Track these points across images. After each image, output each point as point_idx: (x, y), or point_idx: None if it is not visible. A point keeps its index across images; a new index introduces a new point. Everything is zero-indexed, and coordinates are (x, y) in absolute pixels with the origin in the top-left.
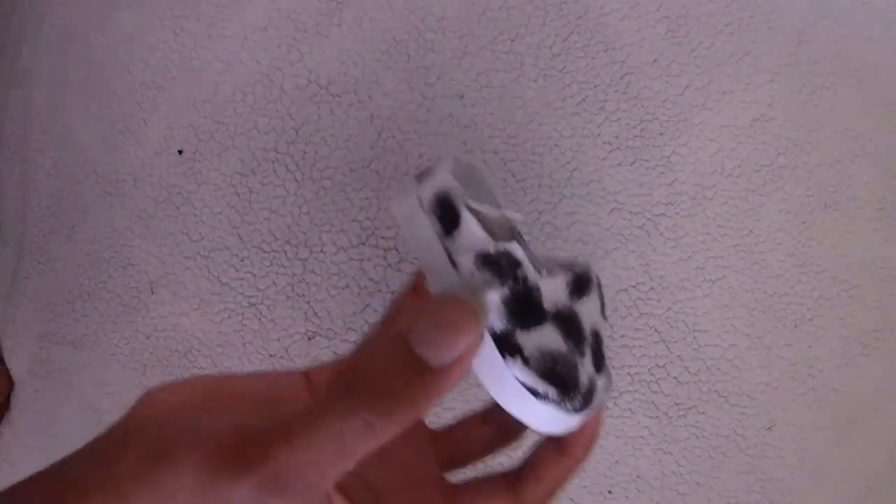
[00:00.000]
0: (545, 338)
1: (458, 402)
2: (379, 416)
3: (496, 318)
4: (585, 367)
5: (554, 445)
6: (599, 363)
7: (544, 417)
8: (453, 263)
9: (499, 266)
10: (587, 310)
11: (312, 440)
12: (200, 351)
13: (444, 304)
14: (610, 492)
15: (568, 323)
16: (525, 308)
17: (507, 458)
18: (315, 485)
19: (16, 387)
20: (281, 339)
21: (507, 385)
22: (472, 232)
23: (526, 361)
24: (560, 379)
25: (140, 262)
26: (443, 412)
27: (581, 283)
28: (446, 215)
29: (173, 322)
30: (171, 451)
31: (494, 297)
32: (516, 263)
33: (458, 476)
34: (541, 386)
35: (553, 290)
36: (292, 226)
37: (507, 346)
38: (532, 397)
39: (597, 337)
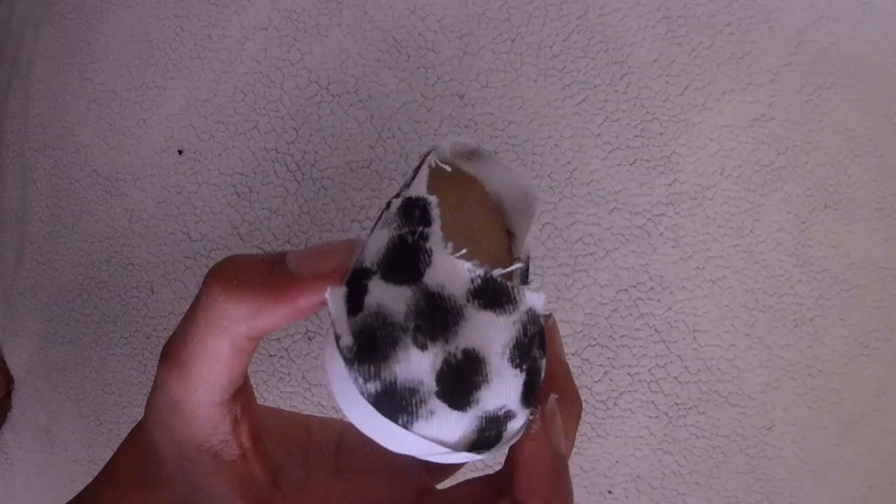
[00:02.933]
0: (395, 300)
1: None
2: (227, 291)
3: (371, 253)
4: (416, 359)
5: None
6: (460, 397)
7: (341, 384)
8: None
9: (410, 213)
10: (484, 327)
11: (186, 319)
12: None
13: (330, 241)
14: (610, 492)
15: (437, 310)
16: (400, 261)
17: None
18: (203, 372)
19: (16, 387)
20: (281, 339)
21: (331, 326)
22: (415, 180)
23: (354, 306)
24: (367, 340)
25: (140, 262)
26: None
27: (490, 294)
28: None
29: (173, 322)
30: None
31: (383, 233)
32: (425, 219)
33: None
34: (343, 333)
35: (451, 275)
36: (292, 226)
37: (356, 280)
38: (336, 346)
39: (471, 362)
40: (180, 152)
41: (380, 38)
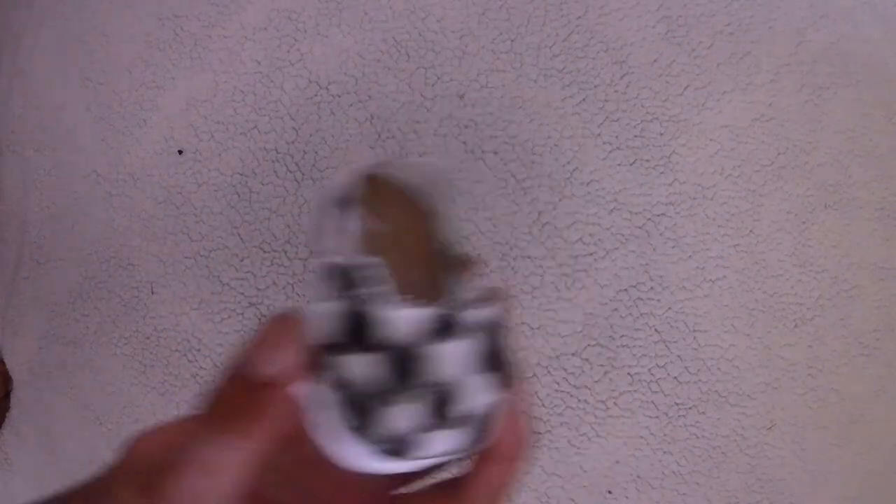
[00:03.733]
0: (368, 368)
1: None
2: (218, 432)
3: (324, 326)
4: (405, 412)
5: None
6: (444, 417)
7: (351, 451)
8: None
9: (349, 279)
10: (448, 356)
11: (184, 464)
12: (200, 351)
13: (270, 323)
14: (610, 492)
15: (405, 362)
16: (354, 330)
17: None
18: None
19: (16, 387)
20: None
21: (318, 406)
22: (327, 238)
23: (335, 383)
24: (362, 413)
25: (140, 262)
26: None
27: (443, 328)
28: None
29: (173, 322)
30: (108, 487)
31: (325, 309)
32: (366, 282)
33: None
34: (338, 413)
35: (409, 323)
36: (292, 226)
37: (323, 362)
38: (336, 425)
39: (444, 389)
40: (180, 152)
41: (380, 38)
